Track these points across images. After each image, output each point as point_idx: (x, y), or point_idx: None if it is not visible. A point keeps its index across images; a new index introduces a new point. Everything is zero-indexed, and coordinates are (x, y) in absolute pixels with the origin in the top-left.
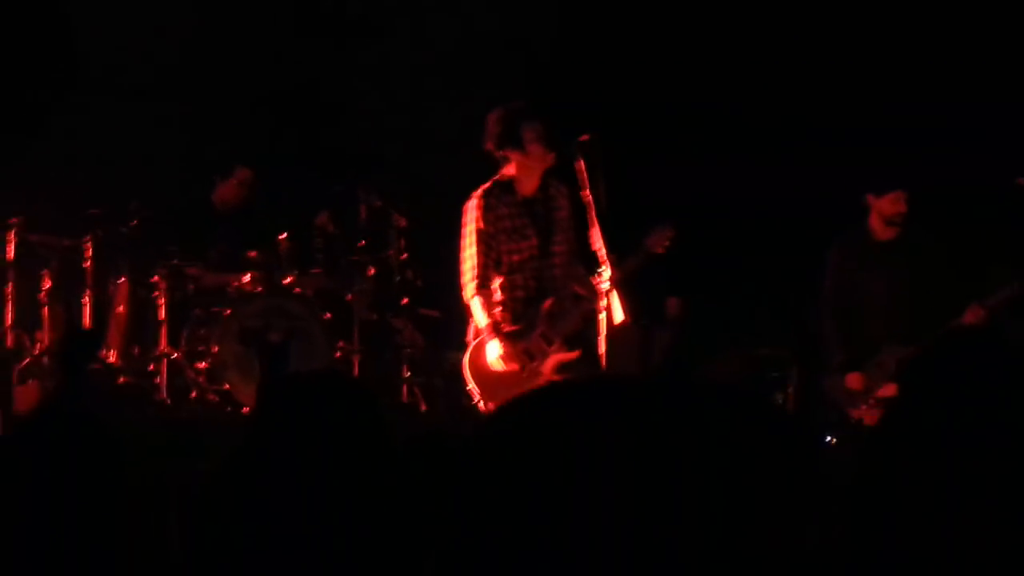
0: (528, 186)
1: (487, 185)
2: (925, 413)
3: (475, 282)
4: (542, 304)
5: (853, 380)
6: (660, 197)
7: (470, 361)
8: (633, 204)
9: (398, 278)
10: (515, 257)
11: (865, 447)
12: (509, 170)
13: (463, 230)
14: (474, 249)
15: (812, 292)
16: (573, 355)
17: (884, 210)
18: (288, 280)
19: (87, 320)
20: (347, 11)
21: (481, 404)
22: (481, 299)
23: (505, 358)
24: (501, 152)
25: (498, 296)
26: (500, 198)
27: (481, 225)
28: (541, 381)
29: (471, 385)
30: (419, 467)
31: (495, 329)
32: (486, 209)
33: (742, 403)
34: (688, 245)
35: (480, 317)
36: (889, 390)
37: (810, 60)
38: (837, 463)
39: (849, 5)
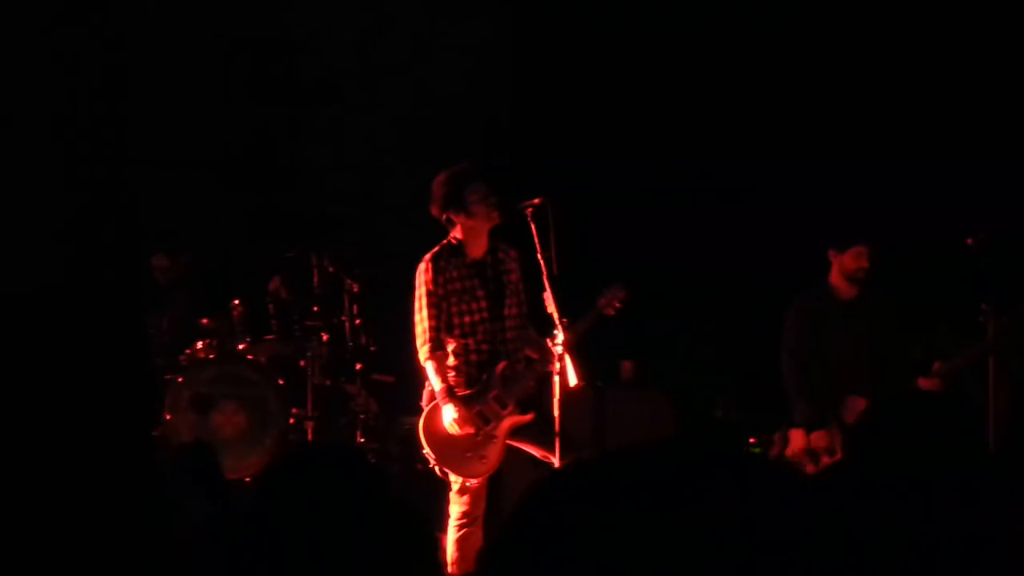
0: (476, 249)
1: (436, 249)
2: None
3: (428, 345)
4: (495, 367)
5: (817, 439)
6: (615, 259)
7: (425, 426)
8: (587, 266)
9: (351, 343)
10: (466, 319)
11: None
12: (456, 233)
13: (414, 294)
14: (425, 312)
15: (772, 350)
16: (527, 418)
17: (846, 266)
18: (241, 346)
19: None
20: (301, 75)
21: (436, 469)
22: (435, 363)
23: (459, 422)
24: (446, 215)
25: (451, 360)
26: (449, 261)
27: (431, 288)
28: (496, 444)
29: (426, 450)
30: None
31: (449, 393)
32: (435, 272)
33: None
34: (643, 307)
35: (434, 381)
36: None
37: (763, 118)
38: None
39: (804, 59)
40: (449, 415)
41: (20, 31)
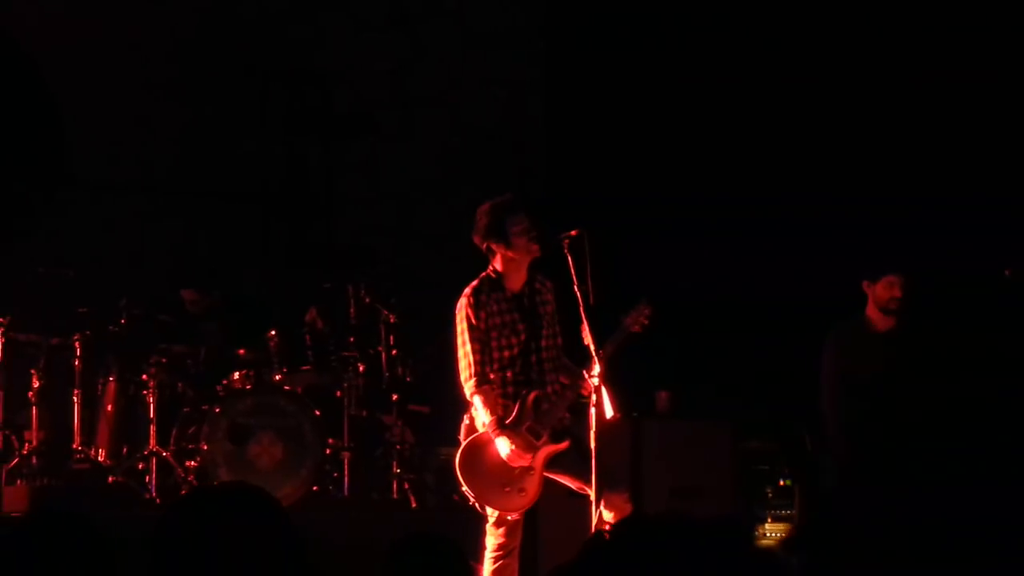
0: (515, 281)
1: (476, 283)
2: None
3: (474, 380)
4: (527, 397)
5: None
6: (650, 289)
7: (462, 462)
8: (623, 297)
9: (388, 374)
10: (506, 353)
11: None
12: (496, 264)
13: (456, 328)
14: (469, 347)
15: (809, 381)
16: (562, 447)
17: (879, 296)
18: (278, 377)
19: (76, 419)
20: (336, 106)
21: (476, 505)
22: (482, 396)
23: (516, 452)
24: (487, 244)
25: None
26: (489, 295)
27: (474, 322)
28: (534, 476)
29: (464, 488)
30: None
31: (499, 425)
32: (477, 307)
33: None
34: (679, 337)
35: (483, 414)
36: None
37: (798, 148)
38: None
39: (836, 92)
40: (504, 448)
41: None
